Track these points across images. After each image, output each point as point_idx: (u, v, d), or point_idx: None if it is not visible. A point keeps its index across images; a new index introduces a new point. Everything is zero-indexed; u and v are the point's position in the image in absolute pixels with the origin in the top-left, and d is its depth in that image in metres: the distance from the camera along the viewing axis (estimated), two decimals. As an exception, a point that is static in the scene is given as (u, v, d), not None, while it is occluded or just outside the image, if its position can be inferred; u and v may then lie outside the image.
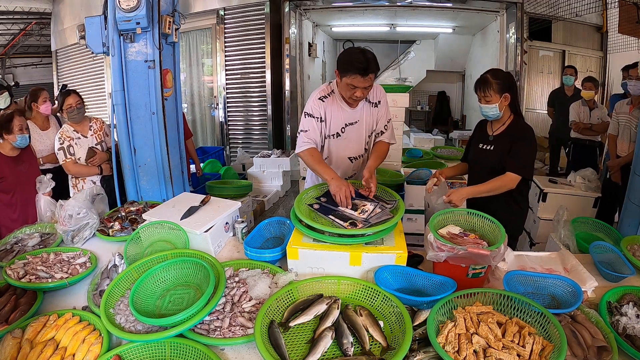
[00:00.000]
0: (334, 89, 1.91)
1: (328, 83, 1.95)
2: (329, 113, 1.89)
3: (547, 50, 5.84)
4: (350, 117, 1.92)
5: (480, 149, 1.95)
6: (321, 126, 1.90)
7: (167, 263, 1.43)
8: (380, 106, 1.97)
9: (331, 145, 1.97)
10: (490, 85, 1.77)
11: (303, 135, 1.88)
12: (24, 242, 1.81)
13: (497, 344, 1.06)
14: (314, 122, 1.88)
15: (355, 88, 1.74)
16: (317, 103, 1.88)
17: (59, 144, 2.48)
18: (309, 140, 1.87)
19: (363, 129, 1.96)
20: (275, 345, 1.11)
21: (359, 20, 6.73)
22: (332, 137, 1.95)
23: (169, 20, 2.34)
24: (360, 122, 1.94)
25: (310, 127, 1.89)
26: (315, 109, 1.88)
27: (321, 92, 1.91)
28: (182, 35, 5.59)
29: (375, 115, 1.97)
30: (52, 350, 1.14)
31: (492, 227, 1.48)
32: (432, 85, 9.13)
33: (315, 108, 1.88)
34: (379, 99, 1.96)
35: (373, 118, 1.97)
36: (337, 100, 1.90)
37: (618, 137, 3.05)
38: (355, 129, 1.95)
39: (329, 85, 1.93)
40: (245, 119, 5.76)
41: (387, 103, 2.00)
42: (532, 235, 3.14)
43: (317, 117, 1.88)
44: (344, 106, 1.90)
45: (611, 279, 1.49)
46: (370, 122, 1.97)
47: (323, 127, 1.91)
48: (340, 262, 1.44)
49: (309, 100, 1.92)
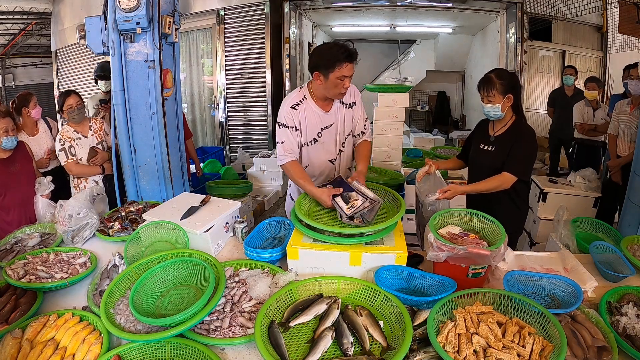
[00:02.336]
0: (305, 95, 1.86)
1: (299, 89, 1.90)
2: (304, 120, 1.86)
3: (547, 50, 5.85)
4: (325, 120, 1.89)
5: (480, 149, 1.94)
6: (297, 135, 1.87)
7: (167, 263, 1.43)
8: (355, 107, 1.96)
9: (310, 151, 1.94)
10: (494, 85, 1.76)
11: (280, 148, 1.86)
12: (24, 242, 1.81)
13: (497, 344, 1.06)
14: (288, 132, 1.85)
15: (345, 78, 1.72)
16: (290, 112, 1.83)
17: (60, 145, 2.48)
18: (287, 153, 1.84)
19: (338, 131, 1.94)
20: (275, 345, 1.11)
21: (359, 20, 6.73)
22: (310, 144, 1.92)
23: (169, 20, 2.34)
24: (334, 125, 1.92)
25: (285, 138, 1.85)
26: (288, 118, 1.84)
27: (293, 100, 1.86)
28: (182, 35, 5.59)
29: (350, 116, 1.95)
30: (52, 350, 1.14)
31: (492, 227, 1.48)
32: (432, 85, 9.14)
33: (289, 117, 1.84)
34: (353, 100, 1.94)
35: (348, 119, 1.95)
36: (310, 105, 1.86)
37: (618, 137, 3.05)
38: (331, 132, 1.93)
39: (300, 91, 1.88)
40: (245, 119, 5.76)
41: (361, 102, 1.99)
42: (532, 235, 3.14)
43: (291, 126, 1.84)
44: (318, 110, 1.87)
45: (611, 279, 1.49)
46: (345, 124, 1.95)
47: (298, 135, 1.87)
48: (340, 262, 1.44)
49: (281, 109, 1.87)
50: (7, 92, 8.87)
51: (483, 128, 1.99)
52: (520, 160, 1.79)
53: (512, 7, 5.23)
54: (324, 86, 1.76)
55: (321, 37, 7.48)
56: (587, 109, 3.85)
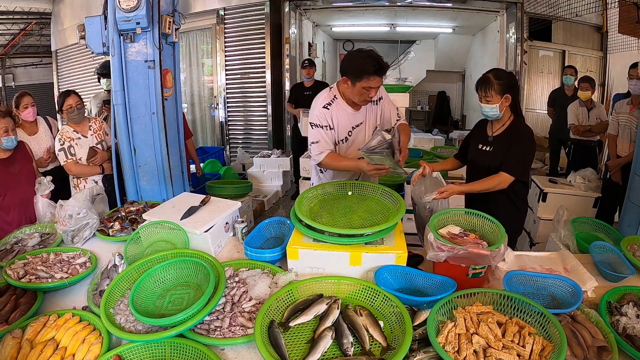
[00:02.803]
0: (335, 94, 1.91)
1: (329, 89, 1.95)
2: (336, 119, 1.90)
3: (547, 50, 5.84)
4: (355, 119, 1.94)
5: (479, 149, 1.94)
6: (331, 134, 1.91)
7: (167, 263, 1.43)
8: (382, 102, 2.00)
9: (340, 150, 1.98)
10: (492, 85, 1.76)
11: (315, 147, 1.89)
12: (24, 242, 1.81)
13: (497, 344, 1.06)
14: (322, 131, 1.89)
15: (371, 89, 1.76)
16: (322, 112, 1.88)
17: (60, 145, 2.48)
18: (324, 149, 1.89)
19: (366, 128, 1.99)
20: (275, 345, 1.11)
21: (359, 20, 6.73)
22: (341, 142, 1.96)
23: (169, 20, 2.34)
24: (364, 123, 1.97)
25: (320, 138, 1.89)
26: (321, 117, 1.88)
27: (324, 100, 1.90)
28: (182, 35, 5.58)
29: (379, 112, 2.00)
30: (52, 350, 1.14)
31: (492, 227, 1.48)
32: (432, 85, 9.14)
33: (322, 117, 1.88)
34: (380, 96, 1.98)
35: (377, 116, 2.00)
36: (341, 105, 1.90)
37: (618, 137, 3.05)
38: (360, 130, 1.98)
39: (331, 91, 1.93)
40: (245, 119, 5.76)
41: (387, 95, 2.03)
42: (532, 235, 3.14)
43: (324, 125, 1.89)
44: (349, 109, 1.91)
45: (611, 279, 1.49)
46: (372, 121, 1.99)
47: (332, 134, 1.91)
48: (340, 262, 1.44)
49: (313, 110, 1.91)
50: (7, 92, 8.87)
51: (481, 128, 1.99)
52: (519, 160, 1.79)
53: (512, 7, 5.23)
54: (350, 91, 1.82)
55: (321, 37, 7.49)
56: (582, 109, 3.86)
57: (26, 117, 2.67)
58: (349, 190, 1.81)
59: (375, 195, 1.76)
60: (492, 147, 1.88)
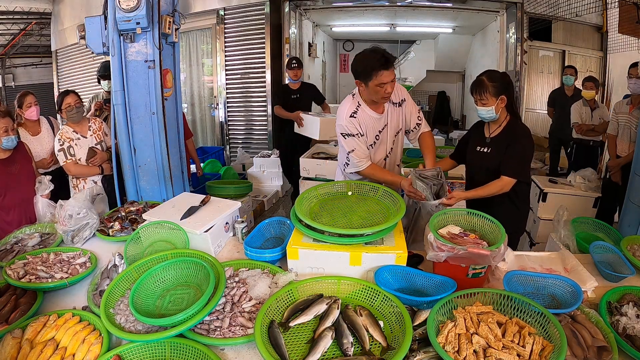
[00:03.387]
0: (359, 101, 1.92)
1: (352, 96, 1.96)
2: (364, 126, 1.92)
3: (547, 50, 5.84)
4: (380, 123, 1.97)
5: (477, 151, 1.95)
6: (364, 140, 1.93)
7: (167, 263, 1.43)
8: (405, 103, 2.01)
9: (370, 154, 2.00)
10: (487, 88, 1.76)
11: (354, 156, 1.92)
12: (24, 242, 1.81)
13: (497, 344, 1.06)
14: (355, 140, 1.91)
15: (385, 84, 1.77)
16: (351, 121, 1.90)
17: (59, 145, 2.48)
18: (363, 158, 1.92)
19: (390, 130, 2.02)
20: (275, 345, 1.11)
21: (359, 20, 6.73)
22: (370, 147, 1.99)
23: (169, 20, 2.34)
24: (388, 125, 2.00)
25: (356, 146, 1.92)
26: (351, 127, 1.90)
27: (350, 109, 1.91)
28: (182, 35, 5.58)
29: (402, 114, 2.02)
30: (52, 350, 1.14)
31: (492, 227, 1.48)
32: (432, 85, 9.13)
33: (352, 126, 1.90)
34: (402, 98, 2.00)
35: (399, 117, 2.01)
36: (366, 111, 1.92)
37: (618, 137, 3.05)
38: (386, 133, 2.01)
39: (354, 99, 1.94)
40: (245, 119, 5.76)
41: (410, 97, 2.05)
42: (532, 235, 3.14)
43: (356, 134, 1.91)
44: (374, 114, 1.93)
45: (611, 279, 1.49)
46: (396, 123, 2.01)
47: (365, 140, 1.94)
48: (340, 262, 1.44)
49: (340, 120, 1.93)
50: (7, 92, 8.87)
51: (479, 130, 1.99)
52: (518, 161, 1.79)
53: (512, 7, 5.22)
54: (367, 92, 1.85)
55: (321, 37, 7.48)
56: (585, 109, 3.86)
57: (30, 115, 2.67)
58: (349, 190, 1.81)
59: (376, 195, 1.76)
60: (490, 149, 1.88)
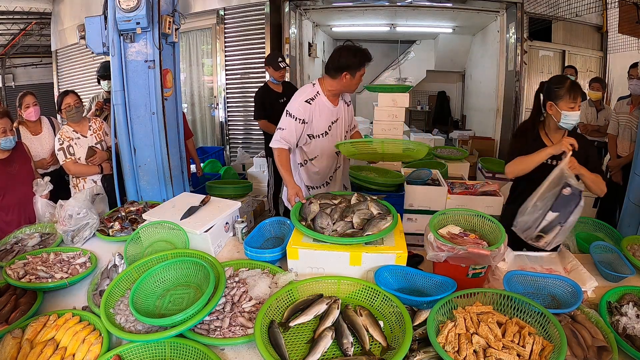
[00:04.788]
0: (319, 91, 2.00)
1: (312, 85, 2.03)
2: (317, 114, 2.00)
3: (547, 50, 5.83)
4: (334, 115, 2.07)
5: (548, 164, 1.71)
6: (301, 128, 1.99)
7: (167, 263, 1.43)
8: (351, 105, 2.21)
9: (319, 143, 2.07)
10: (581, 92, 1.67)
11: (279, 133, 1.98)
12: (24, 242, 1.81)
13: (497, 344, 1.06)
14: (293, 123, 1.96)
15: (362, 75, 1.94)
16: (303, 105, 1.97)
17: (59, 144, 2.48)
18: (283, 140, 1.97)
19: (343, 125, 2.14)
20: (275, 345, 1.11)
21: (359, 20, 6.72)
22: (321, 136, 2.06)
23: (169, 20, 2.34)
24: (340, 119, 2.11)
25: (287, 127, 1.96)
26: (299, 110, 1.96)
27: (308, 95, 1.99)
28: (182, 35, 5.58)
29: (350, 113, 2.19)
30: (52, 350, 1.14)
31: (492, 227, 1.48)
32: (432, 85, 9.13)
33: (300, 110, 1.96)
34: (350, 99, 2.19)
35: (348, 115, 2.18)
36: (323, 100, 2.01)
37: (618, 137, 3.05)
38: (338, 126, 2.11)
39: (314, 87, 2.02)
40: (245, 119, 5.76)
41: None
42: (532, 235, 3.13)
43: (299, 118, 1.95)
44: (329, 105, 2.03)
45: (611, 279, 1.49)
46: (346, 119, 2.16)
47: (305, 128, 2.00)
48: (340, 262, 1.44)
49: (294, 100, 1.99)
50: (7, 92, 8.87)
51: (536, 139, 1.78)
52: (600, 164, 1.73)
53: (512, 7, 5.22)
54: (348, 83, 1.94)
55: (321, 37, 7.48)
56: (591, 110, 3.85)
57: (28, 116, 2.67)
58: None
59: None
60: None
